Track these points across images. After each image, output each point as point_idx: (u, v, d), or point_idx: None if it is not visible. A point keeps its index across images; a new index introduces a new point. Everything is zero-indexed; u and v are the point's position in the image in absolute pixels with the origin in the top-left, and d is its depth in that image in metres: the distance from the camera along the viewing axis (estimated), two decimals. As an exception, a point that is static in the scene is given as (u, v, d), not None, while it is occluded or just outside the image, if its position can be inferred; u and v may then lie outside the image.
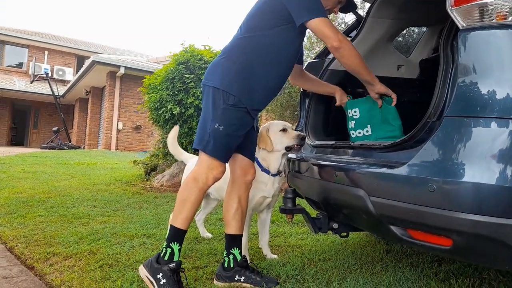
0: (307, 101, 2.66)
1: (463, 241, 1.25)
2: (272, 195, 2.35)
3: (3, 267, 2.30)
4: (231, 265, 2.03)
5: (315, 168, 2.07)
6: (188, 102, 5.32)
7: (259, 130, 2.32)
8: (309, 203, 2.30)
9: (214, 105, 1.89)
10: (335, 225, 2.08)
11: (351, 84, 2.70)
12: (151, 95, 5.71)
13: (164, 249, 1.87)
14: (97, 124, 15.92)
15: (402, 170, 1.39)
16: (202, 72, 5.37)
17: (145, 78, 6.11)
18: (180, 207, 1.92)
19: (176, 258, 1.86)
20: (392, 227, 1.44)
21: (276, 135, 2.28)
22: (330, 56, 2.66)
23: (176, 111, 5.31)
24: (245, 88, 1.90)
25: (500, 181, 1.18)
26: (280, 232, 3.13)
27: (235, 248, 2.06)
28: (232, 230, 2.08)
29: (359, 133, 2.21)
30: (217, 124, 1.87)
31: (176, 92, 5.43)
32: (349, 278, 2.06)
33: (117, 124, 13.91)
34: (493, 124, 1.23)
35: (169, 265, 1.82)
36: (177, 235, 1.90)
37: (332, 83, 2.61)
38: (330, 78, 2.61)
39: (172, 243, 1.88)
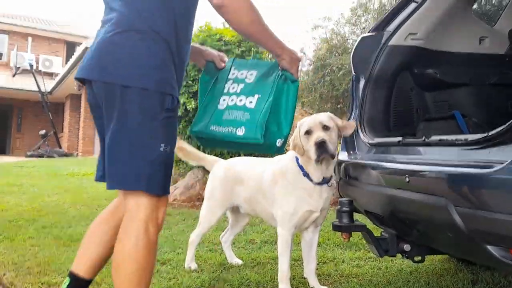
0: (361, 86, 2.61)
1: None
2: (321, 208, 2.32)
3: (-11, 300, 2.37)
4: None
5: (378, 172, 2.02)
6: (206, 95, 5.35)
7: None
8: (370, 218, 2.26)
9: (145, 116, 1.57)
10: (407, 247, 2.04)
11: (420, 64, 2.65)
12: (159, 87, 5.78)
13: None
14: (93, 126, 16.30)
15: (501, 171, 1.34)
16: (223, 56, 5.39)
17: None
18: (136, 278, 1.58)
19: None
20: (490, 247, 1.40)
21: (302, 139, 2.23)
22: (390, 28, 2.61)
23: (190, 106, 5.34)
24: (174, 69, 1.65)
25: None
26: (329, 257, 3.09)
27: None
28: None
29: (240, 101, 1.95)
30: (162, 145, 1.59)
31: (190, 82, 5.47)
32: (426, 316, 2.00)
33: (117, 125, 14.20)
34: None
35: None
36: None
37: (393, 62, 2.56)
38: (391, 56, 2.56)
39: None
